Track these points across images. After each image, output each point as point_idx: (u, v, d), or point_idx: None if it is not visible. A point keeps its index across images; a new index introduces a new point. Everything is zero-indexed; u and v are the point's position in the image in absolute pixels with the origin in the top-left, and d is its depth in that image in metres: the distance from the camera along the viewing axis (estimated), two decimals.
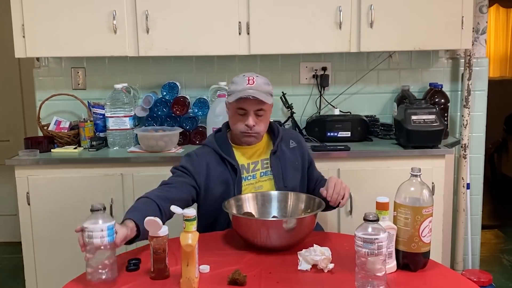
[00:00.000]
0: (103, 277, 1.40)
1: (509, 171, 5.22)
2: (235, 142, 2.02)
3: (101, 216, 1.39)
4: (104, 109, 2.80)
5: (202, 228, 1.89)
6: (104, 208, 1.41)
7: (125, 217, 1.62)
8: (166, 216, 1.73)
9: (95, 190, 2.57)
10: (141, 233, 1.59)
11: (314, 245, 1.54)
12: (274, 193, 1.90)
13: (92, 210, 1.40)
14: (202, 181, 1.94)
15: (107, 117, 2.77)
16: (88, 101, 2.93)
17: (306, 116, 3.02)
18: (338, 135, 2.79)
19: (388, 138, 2.87)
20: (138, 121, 2.95)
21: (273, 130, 2.07)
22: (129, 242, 1.59)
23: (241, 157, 2.00)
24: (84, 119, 2.85)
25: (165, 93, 2.95)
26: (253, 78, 1.93)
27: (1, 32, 3.56)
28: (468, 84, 2.99)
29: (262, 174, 2.00)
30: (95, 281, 1.40)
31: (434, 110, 2.61)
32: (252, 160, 2.01)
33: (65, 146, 2.76)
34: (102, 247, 1.39)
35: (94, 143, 2.74)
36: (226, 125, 2.06)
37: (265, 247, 1.63)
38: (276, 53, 2.86)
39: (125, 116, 2.76)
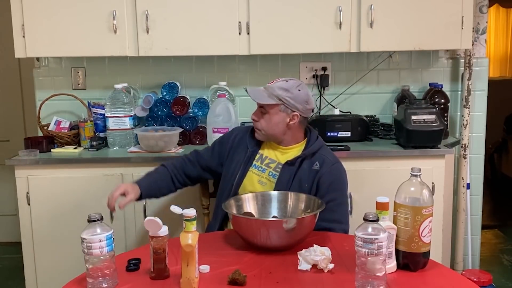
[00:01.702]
0: (104, 285, 1.40)
1: (509, 171, 5.22)
2: None
3: (98, 226, 1.39)
4: (104, 109, 2.80)
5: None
6: (102, 218, 1.41)
7: (137, 180, 2.08)
8: (177, 183, 2.15)
9: (95, 190, 2.57)
10: (143, 197, 2.05)
11: (314, 245, 1.54)
12: (274, 193, 1.90)
13: (89, 221, 1.39)
14: (226, 150, 2.13)
15: (107, 117, 2.76)
16: (88, 101, 2.93)
17: None
18: (338, 135, 2.79)
19: (388, 138, 2.87)
20: (138, 121, 2.94)
21: (308, 142, 2.06)
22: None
23: (267, 149, 2.09)
24: (84, 119, 2.85)
25: (165, 93, 2.95)
26: (277, 80, 2.03)
27: (1, 32, 3.56)
28: (468, 84, 2.99)
29: (270, 173, 2.03)
30: None
31: (434, 110, 2.61)
32: (272, 157, 2.06)
33: (65, 146, 2.76)
34: (101, 257, 1.38)
35: (94, 143, 2.74)
36: None
37: (265, 247, 1.63)
38: (276, 53, 2.85)
39: (125, 116, 2.76)
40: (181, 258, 1.39)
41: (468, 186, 3.06)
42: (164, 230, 1.48)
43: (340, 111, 3.00)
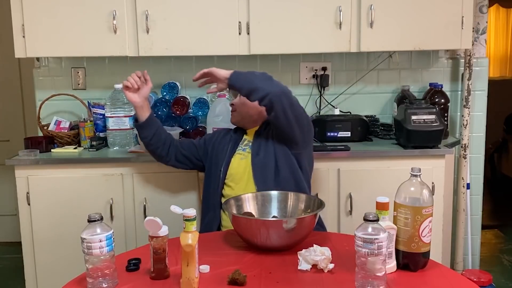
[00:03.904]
0: (104, 285, 1.40)
1: (509, 171, 5.22)
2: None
3: (98, 226, 1.39)
4: (104, 109, 2.80)
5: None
6: (102, 218, 1.41)
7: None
8: (168, 147, 2.25)
9: (95, 190, 2.57)
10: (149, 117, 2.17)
11: (314, 245, 1.54)
12: (274, 193, 1.90)
13: (89, 221, 1.39)
14: (213, 143, 2.27)
15: (107, 117, 2.76)
16: (88, 101, 2.93)
17: None
18: (338, 135, 2.79)
19: (388, 138, 2.87)
20: None
21: None
22: (139, 127, 2.19)
23: (249, 136, 2.24)
24: (84, 119, 2.85)
25: (165, 93, 2.95)
26: None
27: (1, 32, 3.56)
28: (468, 84, 2.99)
29: (245, 147, 2.20)
30: None
31: (434, 110, 2.61)
32: (251, 138, 2.21)
33: (65, 146, 2.76)
34: (101, 257, 1.38)
35: (94, 143, 2.74)
36: None
37: (265, 247, 1.63)
38: (276, 53, 2.86)
39: (125, 116, 2.76)
40: (181, 258, 1.39)
41: (468, 186, 3.06)
42: (164, 230, 1.48)
43: (340, 111, 3.00)
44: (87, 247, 1.37)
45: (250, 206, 1.85)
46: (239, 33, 2.66)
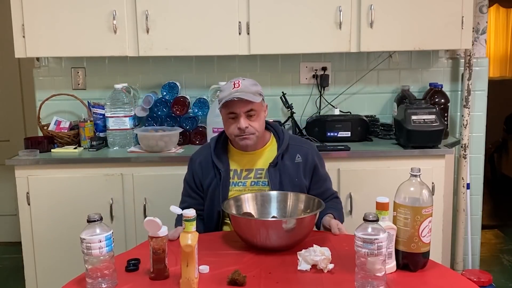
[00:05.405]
0: (104, 285, 1.40)
1: (509, 171, 5.22)
2: (236, 146, 2.00)
3: (98, 226, 1.39)
4: (104, 109, 2.80)
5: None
6: (101, 218, 1.41)
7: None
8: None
9: (95, 190, 2.57)
10: None
11: (314, 245, 1.54)
12: (274, 193, 1.90)
13: (88, 221, 1.39)
14: (201, 180, 2.02)
15: (107, 117, 2.77)
16: (88, 101, 2.93)
17: (306, 116, 3.02)
18: (338, 135, 2.79)
19: (388, 138, 2.87)
20: (138, 121, 2.95)
21: (279, 137, 2.02)
22: None
23: (237, 162, 1.99)
24: (84, 119, 2.85)
25: (165, 93, 2.95)
26: (239, 82, 1.91)
27: (1, 32, 3.56)
28: (468, 84, 2.99)
29: (252, 183, 1.97)
30: None
31: (434, 110, 2.61)
32: (247, 167, 1.99)
33: (65, 146, 2.76)
34: (101, 257, 1.38)
35: (94, 143, 2.74)
36: None
37: (265, 247, 1.63)
38: (276, 53, 2.85)
39: (125, 116, 2.76)
40: (181, 259, 1.39)
41: (468, 186, 3.06)
42: (163, 231, 1.48)
43: (340, 111, 3.00)
44: (86, 248, 1.37)
45: (249, 206, 1.84)
46: (239, 33, 2.66)
